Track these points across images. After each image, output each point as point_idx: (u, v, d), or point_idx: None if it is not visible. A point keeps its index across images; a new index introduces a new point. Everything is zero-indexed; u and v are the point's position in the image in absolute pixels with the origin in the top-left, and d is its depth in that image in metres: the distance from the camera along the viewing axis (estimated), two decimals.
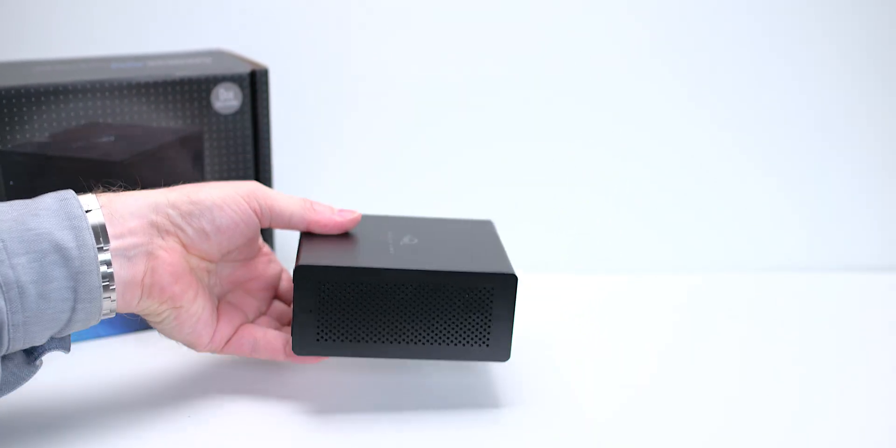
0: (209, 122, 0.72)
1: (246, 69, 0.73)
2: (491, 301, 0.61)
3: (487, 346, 0.62)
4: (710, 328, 0.78)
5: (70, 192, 0.57)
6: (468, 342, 0.62)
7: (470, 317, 0.61)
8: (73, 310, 0.56)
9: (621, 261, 0.89)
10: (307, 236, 0.66)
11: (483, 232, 0.69)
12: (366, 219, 0.69)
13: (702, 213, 0.90)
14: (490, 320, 0.61)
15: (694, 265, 0.89)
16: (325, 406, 0.65)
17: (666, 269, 0.89)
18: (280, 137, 0.84)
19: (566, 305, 0.81)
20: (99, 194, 0.59)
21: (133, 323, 0.75)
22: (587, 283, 0.85)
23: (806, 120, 0.89)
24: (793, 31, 0.86)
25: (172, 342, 0.68)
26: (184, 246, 0.62)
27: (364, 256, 0.62)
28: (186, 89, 0.71)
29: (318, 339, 0.62)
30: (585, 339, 0.75)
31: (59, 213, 0.55)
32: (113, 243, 0.57)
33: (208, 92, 0.71)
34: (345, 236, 0.66)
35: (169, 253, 0.60)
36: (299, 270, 0.60)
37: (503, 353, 0.63)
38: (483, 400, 0.66)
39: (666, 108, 0.88)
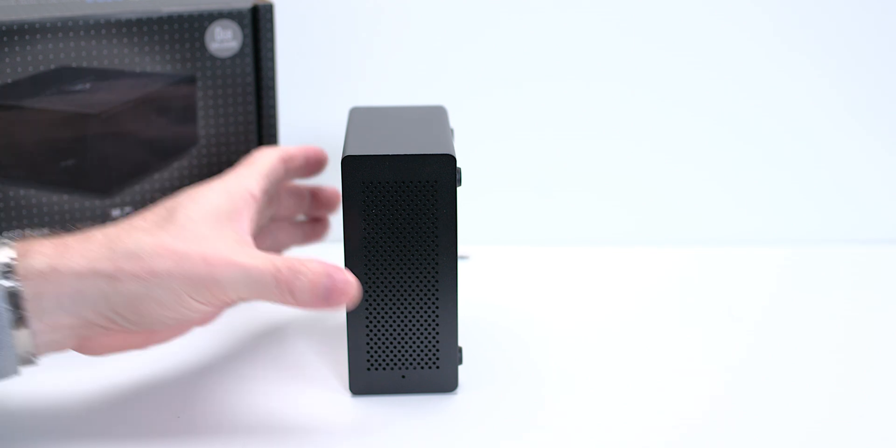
0: (203, 67, 0.71)
1: (247, 4, 0.72)
2: None
3: None
4: (804, 307, 0.76)
5: None
6: None
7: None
8: None
9: (705, 232, 0.88)
10: None
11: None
12: None
13: (797, 179, 0.87)
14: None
15: (787, 237, 0.87)
16: (324, 404, 0.64)
17: (754, 241, 0.87)
18: (286, 84, 0.82)
19: (644, 280, 0.81)
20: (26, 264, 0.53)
21: None
22: (666, 257, 0.84)
23: None
24: None
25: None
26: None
27: None
28: (176, 28, 0.70)
29: None
30: (668, 314, 0.75)
31: None
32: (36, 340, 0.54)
33: (202, 31, 0.70)
34: None
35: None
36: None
37: None
38: (543, 368, 0.67)
39: (753, 55, 0.84)
